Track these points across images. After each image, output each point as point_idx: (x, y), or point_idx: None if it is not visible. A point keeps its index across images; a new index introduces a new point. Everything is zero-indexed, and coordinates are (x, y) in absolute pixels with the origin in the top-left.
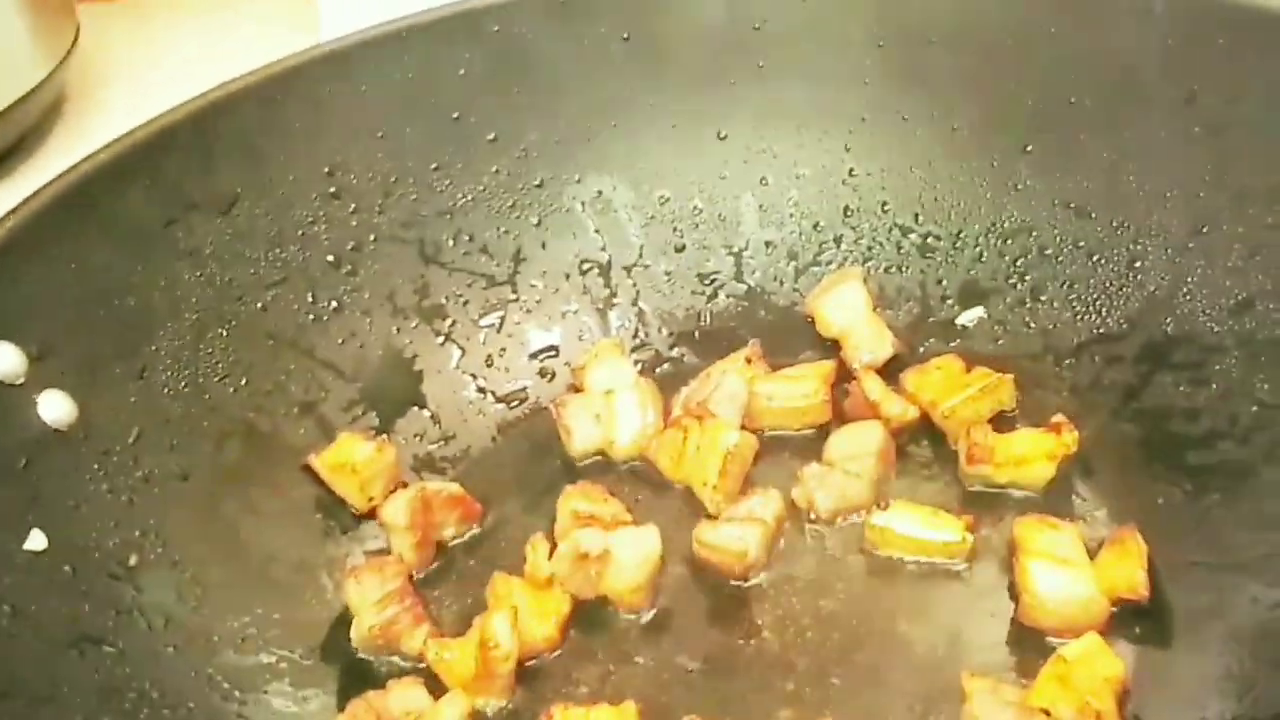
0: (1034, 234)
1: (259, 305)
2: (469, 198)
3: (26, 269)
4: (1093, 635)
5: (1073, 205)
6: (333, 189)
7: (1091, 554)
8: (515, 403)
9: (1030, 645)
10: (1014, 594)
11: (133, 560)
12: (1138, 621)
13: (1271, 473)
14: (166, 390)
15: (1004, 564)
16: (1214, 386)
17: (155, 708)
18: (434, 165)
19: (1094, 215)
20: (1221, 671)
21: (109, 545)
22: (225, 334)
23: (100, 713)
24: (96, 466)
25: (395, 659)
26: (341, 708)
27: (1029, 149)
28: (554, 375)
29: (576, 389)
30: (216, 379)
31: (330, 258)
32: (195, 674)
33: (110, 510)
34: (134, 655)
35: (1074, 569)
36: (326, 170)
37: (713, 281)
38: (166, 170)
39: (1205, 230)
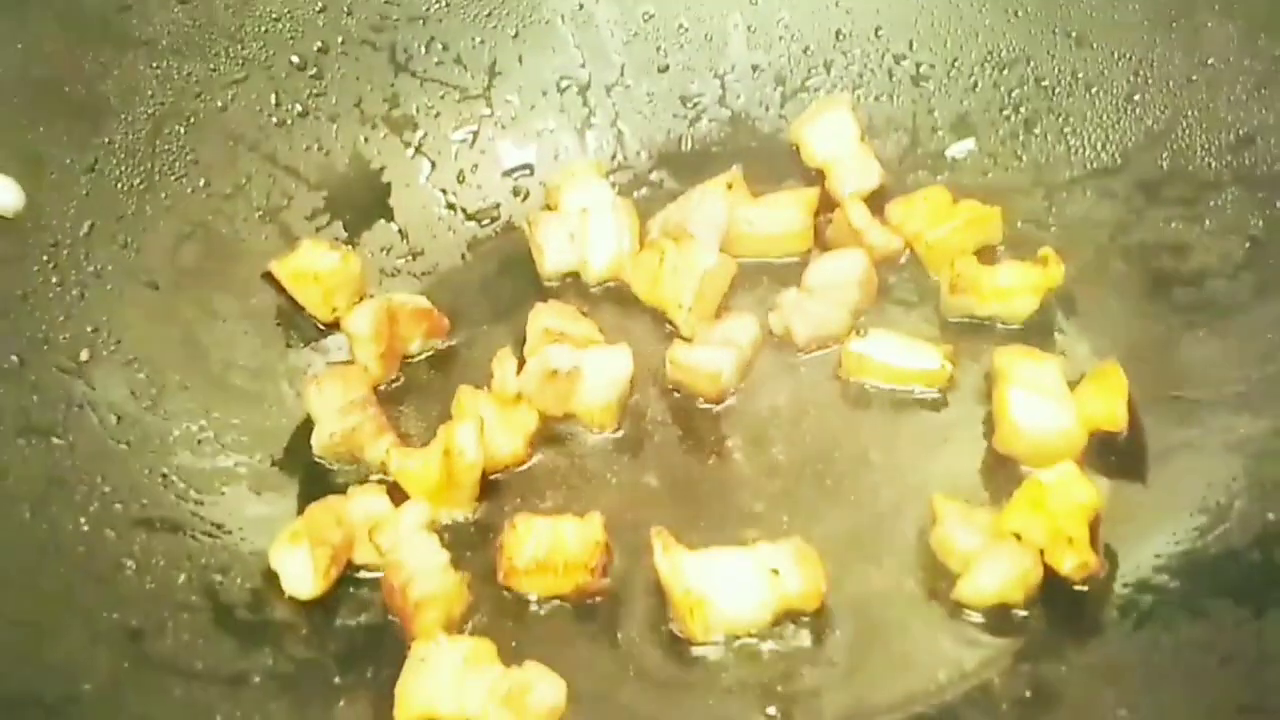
0: (1031, 64)
1: (218, 104)
2: (443, 4)
3: None
4: (1069, 464)
5: (1073, 34)
6: None
7: (1071, 387)
8: (486, 220)
9: (1004, 474)
10: (990, 426)
11: (84, 355)
12: (1113, 453)
13: (1261, 308)
14: (120, 185)
15: (982, 396)
16: (1207, 223)
17: (106, 502)
18: None
19: (1094, 45)
20: (1197, 504)
21: (59, 339)
22: (183, 131)
23: (48, 501)
24: (46, 258)
25: (356, 468)
26: (301, 513)
27: None
28: (528, 194)
29: (550, 209)
30: (173, 178)
31: (295, 59)
32: (149, 472)
33: (60, 303)
34: (84, 450)
35: (1054, 399)
36: None
37: (696, 105)
38: None
39: (1210, 63)
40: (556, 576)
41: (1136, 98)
